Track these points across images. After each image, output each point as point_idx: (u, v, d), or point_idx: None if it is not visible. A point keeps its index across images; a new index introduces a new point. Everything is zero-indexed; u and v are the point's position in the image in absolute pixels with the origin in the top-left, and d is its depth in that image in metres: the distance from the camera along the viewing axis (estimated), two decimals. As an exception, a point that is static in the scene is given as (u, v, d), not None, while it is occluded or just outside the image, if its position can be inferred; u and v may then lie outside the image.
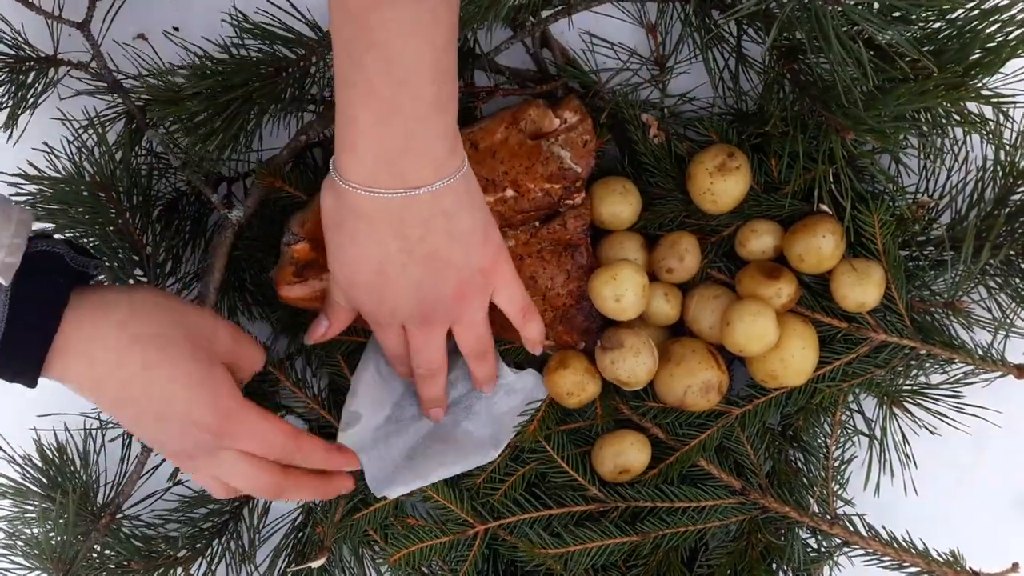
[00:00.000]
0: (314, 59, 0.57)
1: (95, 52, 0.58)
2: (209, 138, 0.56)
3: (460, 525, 0.62)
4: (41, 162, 0.59)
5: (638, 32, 0.60)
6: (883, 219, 0.56)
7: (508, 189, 0.58)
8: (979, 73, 0.50)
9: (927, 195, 0.59)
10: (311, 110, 0.61)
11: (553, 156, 0.57)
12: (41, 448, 0.63)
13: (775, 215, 0.60)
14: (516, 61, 0.61)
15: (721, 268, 0.61)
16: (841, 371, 0.60)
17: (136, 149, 0.60)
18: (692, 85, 0.61)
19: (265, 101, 0.57)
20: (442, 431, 0.63)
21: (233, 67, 0.56)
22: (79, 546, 0.61)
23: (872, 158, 0.56)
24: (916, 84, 0.49)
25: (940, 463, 0.64)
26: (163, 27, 0.61)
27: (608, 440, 0.61)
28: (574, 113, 0.58)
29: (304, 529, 0.66)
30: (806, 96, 0.54)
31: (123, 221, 0.59)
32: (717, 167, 0.57)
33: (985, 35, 0.49)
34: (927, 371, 0.61)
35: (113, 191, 0.58)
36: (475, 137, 0.58)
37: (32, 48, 0.59)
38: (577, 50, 0.60)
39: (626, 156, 0.62)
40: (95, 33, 0.58)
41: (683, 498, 0.61)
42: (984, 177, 0.57)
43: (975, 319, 0.59)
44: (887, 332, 0.59)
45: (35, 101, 0.59)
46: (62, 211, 0.59)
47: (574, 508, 0.62)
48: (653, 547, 0.61)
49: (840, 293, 0.58)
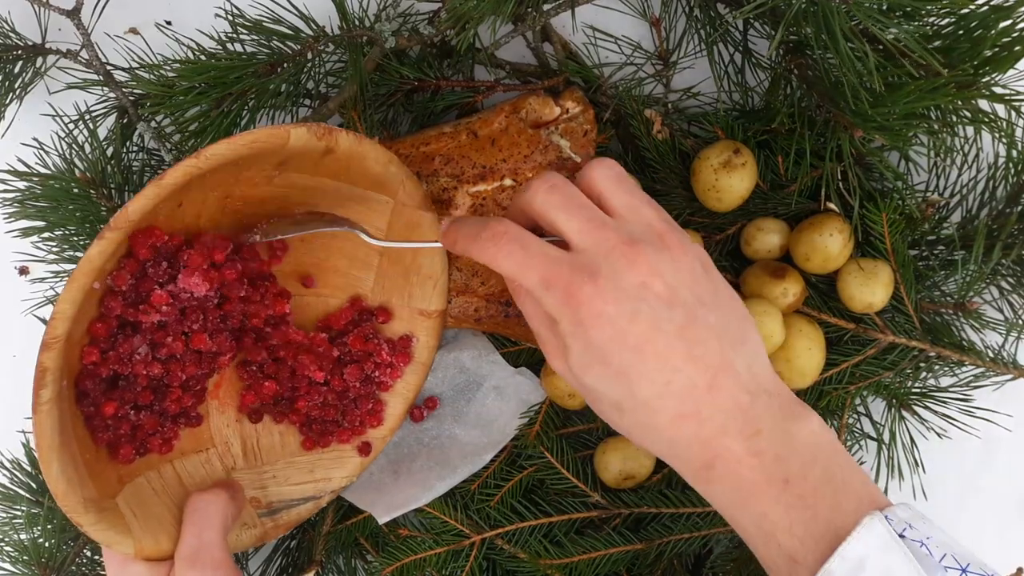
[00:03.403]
0: (310, 54, 0.56)
1: (85, 41, 0.57)
2: (202, 133, 0.55)
3: (455, 535, 0.61)
4: (31, 158, 0.58)
5: (641, 26, 0.59)
6: (892, 218, 0.55)
7: (507, 178, 0.57)
8: (991, 70, 0.49)
9: (937, 193, 0.58)
10: (306, 105, 0.60)
11: (552, 145, 0.57)
12: (30, 452, 0.62)
13: (781, 213, 0.59)
14: (516, 55, 0.60)
15: (726, 267, 0.60)
16: (848, 373, 0.59)
17: (128, 144, 0.59)
18: (696, 80, 0.60)
19: (260, 96, 0.56)
20: (426, 436, 0.61)
21: (227, 61, 0.55)
22: (68, 551, 0.60)
23: (881, 156, 0.55)
24: (926, 81, 0.48)
25: (949, 467, 0.63)
26: (155, 21, 0.60)
27: (613, 444, 0.60)
28: (576, 103, 0.57)
29: (295, 538, 0.65)
30: (813, 92, 0.53)
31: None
32: (722, 164, 0.56)
33: (997, 31, 0.48)
34: (936, 373, 0.60)
35: (104, 188, 0.57)
36: (474, 125, 0.57)
37: (19, 36, 0.58)
38: (579, 44, 0.59)
39: (629, 152, 0.61)
40: (85, 24, 0.57)
41: (687, 503, 0.60)
42: (996, 175, 0.56)
43: (986, 320, 0.58)
44: (895, 333, 0.58)
45: (23, 91, 0.58)
46: (52, 209, 0.58)
47: (575, 515, 0.61)
48: (657, 554, 0.60)
49: (847, 293, 0.57)
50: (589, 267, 0.42)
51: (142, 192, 0.41)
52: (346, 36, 0.56)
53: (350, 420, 0.58)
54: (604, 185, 0.46)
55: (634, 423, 0.44)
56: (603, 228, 0.43)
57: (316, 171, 0.50)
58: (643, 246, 0.43)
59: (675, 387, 0.42)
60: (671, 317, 0.42)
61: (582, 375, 0.44)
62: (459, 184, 0.57)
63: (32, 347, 0.64)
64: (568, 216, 0.44)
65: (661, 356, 0.42)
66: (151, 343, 0.50)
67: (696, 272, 0.44)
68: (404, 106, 0.60)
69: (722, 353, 0.43)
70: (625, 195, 0.45)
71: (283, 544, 0.66)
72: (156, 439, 0.52)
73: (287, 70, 0.56)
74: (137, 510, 0.48)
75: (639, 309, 0.42)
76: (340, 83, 0.59)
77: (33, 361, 0.63)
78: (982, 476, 0.64)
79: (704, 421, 0.42)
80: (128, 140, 0.59)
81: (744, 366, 0.43)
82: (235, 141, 0.43)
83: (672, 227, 0.45)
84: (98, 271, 0.43)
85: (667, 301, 0.42)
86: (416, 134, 0.58)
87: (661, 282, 0.42)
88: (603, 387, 0.43)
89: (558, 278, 0.43)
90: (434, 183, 0.57)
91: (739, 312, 0.45)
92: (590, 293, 0.42)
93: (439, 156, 0.57)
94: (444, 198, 0.57)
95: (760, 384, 0.43)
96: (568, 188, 0.45)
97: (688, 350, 0.42)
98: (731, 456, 0.42)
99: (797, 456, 0.42)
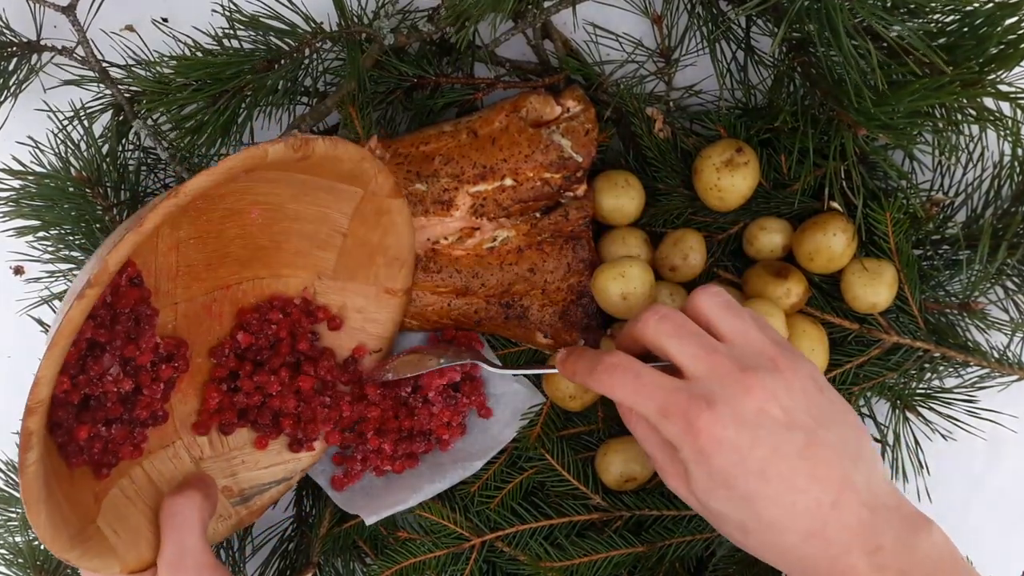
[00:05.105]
0: (307, 51, 0.55)
1: (81, 37, 0.56)
2: (199, 131, 0.54)
3: (455, 538, 0.60)
4: (26, 157, 0.57)
5: (643, 23, 0.58)
6: (896, 217, 0.55)
7: (507, 178, 0.56)
8: (996, 68, 0.48)
9: (941, 192, 0.58)
10: (303, 103, 0.59)
11: (553, 144, 0.56)
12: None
13: (784, 212, 0.58)
14: (517, 53, 0.59)
15: (728, 267, 0.60)
16: (852, 374, 0.58)
17: (123, 143, 0.58)
18: (698, 78, 0.59)
19: (257, 93, 0.55)
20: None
21: (224, 58, 0.54)
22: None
23: (885, 155, 0.54)
24: (930, 79, 0.47)
25: (954, 469, 0.63)
26: (151, 18, 0.59)
27: (614, 446, 0.60)
28: (576, 102, 0.56)
29: (293, 540, 0.64)
30: (816, 90, 0.53)
31: (110, 218, 0.57)
32: (724, 162, 0.55)
33: (1003, 28, 0.47)
34: (941, 374, 0.59)
35: (100, 186, 0.57)
36: (475, 124, 0.56)
37: (14, 32, 0.57)
38: (580, 41, 0.59)
39: (630, 151, 0.60)
40: (81, 20, 0.56)
41: (690, 506, 0.59)
42: (1001, 174, 0.56)
43: (991, 321, 0.58)
44: (900, 334, 0.58)
45: (17, 89, 0.57)
46: (47, 208, 0.57)
47: (576, 518, 0.60)
48: (659, 557, 0.59)
49: (851, 293, 0.56)
50: (706, 395, 0.44)
51: (123, 241, 0.40)
52: (344, 33, 0.55)
53: (306, 415, 0.59)
54: (713, 312, 0.47)
55: (759, 543, 0.45)
56: (716, 355, 0.45)
57: (286, 169, 0.50)
58: (757, 371, 0.44)
59: (800, 507, 0.43)
60: (791, 439, 0.43)
61: (707, 500, 0.45)
62: (459, 184, 0.57)
63: (27, 347, 0.64)
64: (680, 344, 0.46)
65: (785, 479, 0.43)
66: (121, 359, 0.50)
67: (810, 392, 0.45)
68: (403, 104, 0.59)
69: (843, 470, 0.44)
70: (735, 320, 0.47)
71: (281, 547, 0.65)
72: (127, 447, 0.52)
73: (284, 67, 0.55)
74: (116, 525, 0.48)
75: (759, 435, 0.43)
76: (338, 80, 0.58)
77: (28, 362, 0.63)
78: (988, 477, 0.64)
79: (830, 539, 0.43)
80: (124, 138, 0.58)
81: (863, 481, 0.44)
82: (213, 172, 0.42)
83: (783, 349, 0.47)
84: (79, 330, 0.42)
85: (785, 424, 0.44)
86: (415, 132, 0.58)
87: (778, 406, 0.44)
88: (728, 511, 0.45)
89: (676, 407, 0.44)
90: (434, 183, 0.57)
91: (855, 426, 0.46)
92: (709, 420, 0.43)
93: (439, 156, 0.57)
94: (445, 199, 0.57)
95: (879, 498, 0.44)
96: (678, 317, 0.47)
97: (811, 471, 0.43)
98: (853, 571, 0.43)
99: (920, 569, 0.42)
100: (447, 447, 0.61)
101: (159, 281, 0.53)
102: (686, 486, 0.46)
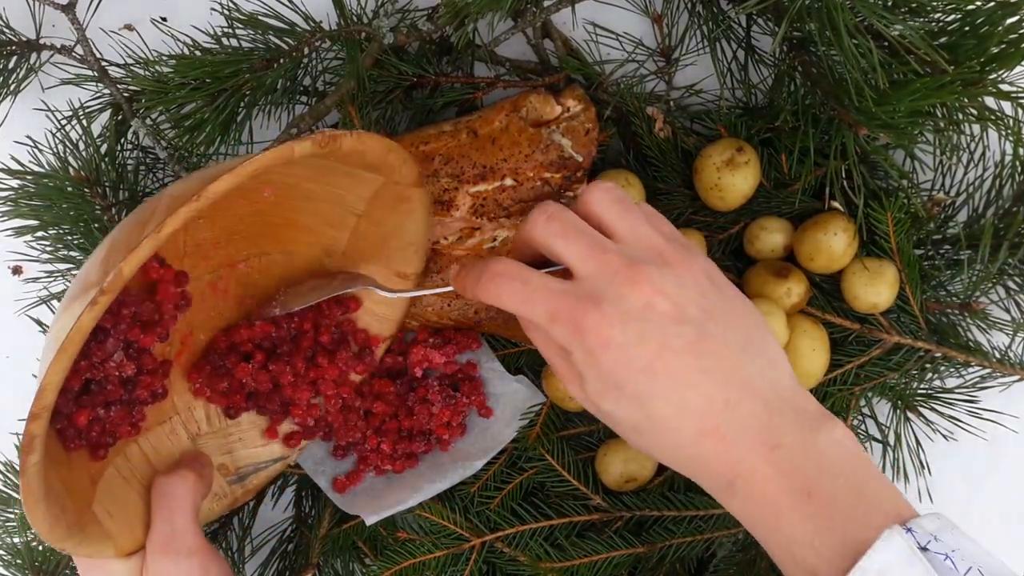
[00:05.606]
0: (307, 50, 0.55)
1: (80, 36, 0.56)
2: (197, 130, 0.54)
3: (455, 539, 0.60)
4: (24, 156, 0.57)
5: (643, 22, 0.58)
6: (897, 217, 0.54)
7: (507, 178, 0.56)
8: (997, 67, 0.48)
9: (943, 192, 0.58)
10: (303, 102, 0.59)
11: (553, 144, 0.56)
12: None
13: (785, 212, 0.58)
14: (517, 52, 0.59)
15: (728, 267, 0.60)
16: (853, 374, 0.58)
17: (122, 142, 0.58)
18: (699, 77, 0.59)
19: (256, 92, 0.55)
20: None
21: (223, 57, 0.54)
22: (60, 555, 0.59)
23: (886, 154, 0.54)
24: (932, 79, 0.47)
25: (955, 469, 0.63)
26: (150, 17, 0.59)
27: (614, 446, 0.59)
28: (577, 101, 0.56)
29: (293, 541, 0.64)
30: (817, 90, 0.52)
31: (109, 217, 0.57)
32: (725, 162, 0.55)
33: (1004, 27, 0.47)
34: (942, 374, 0.59)
35: (99, 186, 0.56)
36: (475, 124, 0.56)
37: (13, 31, 0.57)
38: (580, 41, 0.58)
39: (630, 150, 0.60)
40: (80, 19, 0.56)
41: (690, 506, 0.59)
42: (1002, 174, 0.56)
43: (992, 321, 0.57)
44: (901, 334, 0.57)
45: (16, 88, 0.57)
46: (46, 207, 0.57)
47: (576, 518, 0.60)
48: (659, 558, 0.59)
49: (852, 293, 0.56)
50: (592, 295, 0.42)
51: (139, 246, 0.39)
52: (344, 32, 0.55)
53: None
54: (601, 208, 0.45)
55: (654, 444, 0.43)
56: (604, 252, 0.43)
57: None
58: (644, 266, 0.42)
59: (691, 404, 0.41)
60: (679, 333, 0.41)
61: (599, 402, 0.43)
62: (459, 184, 0.56)
63: (26, 347, 0.63)
64: (567, 243, 0.43)
65: (673, 375, 0.41)
66: (124, 343, 0.49)
67: (702, 285, 0.43)
68: (402, 103, 0.59)
69: (737, 365, 0.42)
70: (625, 216, 0.45)
71: (280, 547, 0.65)
72: (125, 426, 0.51)
73: (283, 66, 0.55)
74: (112, 507, 0.47)
75: (645, 330, 0.41)
76: (337, 79, 0.58)
77: (27, 361, 0.63)
78: (989, 478, 0.64)
79: (724, 437, 0.41)
80: (123, 137, 0.58)
81: (761, 376, 0.42)
82: (238, 174, 0.41)
83: (673, 242, 0.44)
84: (87, 335, 0.41)
85: (674, 319, 0.41)
86: (415, 132, 0.57)
87: (666, 300, 0.42)
88: (621, 412, 0.43)
89: (563, 310, 0.42)
90: (434, 184, 0.56)
91: (753, 321, 0.44)
92: (596, 320, 0.41)
93: (439, 156, 0.56)
94: (445, 199, 0.57)
95: (779, 394, 0.42)
96: (566, 215, 0.44)
97: (700, 366, 0.41)
98: (751, 472, 0.41)
99: (819, 468, 0.41)
100: (447, 447, 0.60)
101: (168, 261, 0.52)
102: (582, 390, 0.44)
